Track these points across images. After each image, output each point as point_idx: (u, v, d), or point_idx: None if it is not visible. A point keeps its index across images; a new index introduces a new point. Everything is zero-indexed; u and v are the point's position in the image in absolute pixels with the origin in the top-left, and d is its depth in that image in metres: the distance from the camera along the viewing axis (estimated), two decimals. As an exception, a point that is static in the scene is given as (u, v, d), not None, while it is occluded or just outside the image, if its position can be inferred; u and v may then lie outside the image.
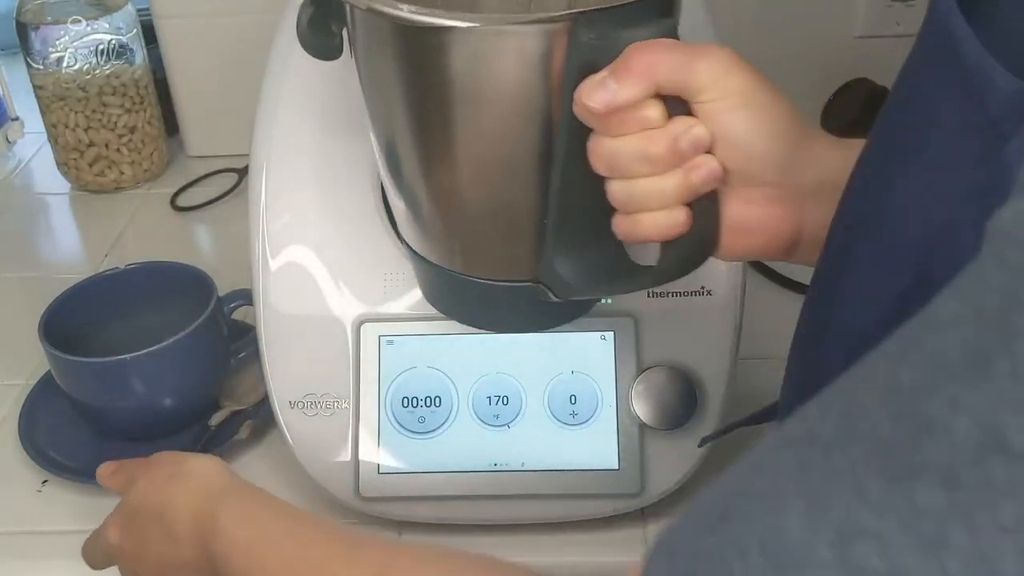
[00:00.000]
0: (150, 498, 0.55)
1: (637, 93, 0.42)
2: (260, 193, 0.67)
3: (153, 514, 0.54)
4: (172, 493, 0.54)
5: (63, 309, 0.74)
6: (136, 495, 0.56)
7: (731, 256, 0.49)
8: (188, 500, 0.54)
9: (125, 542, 0.56)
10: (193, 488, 0.54)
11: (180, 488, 0.55)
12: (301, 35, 0.55)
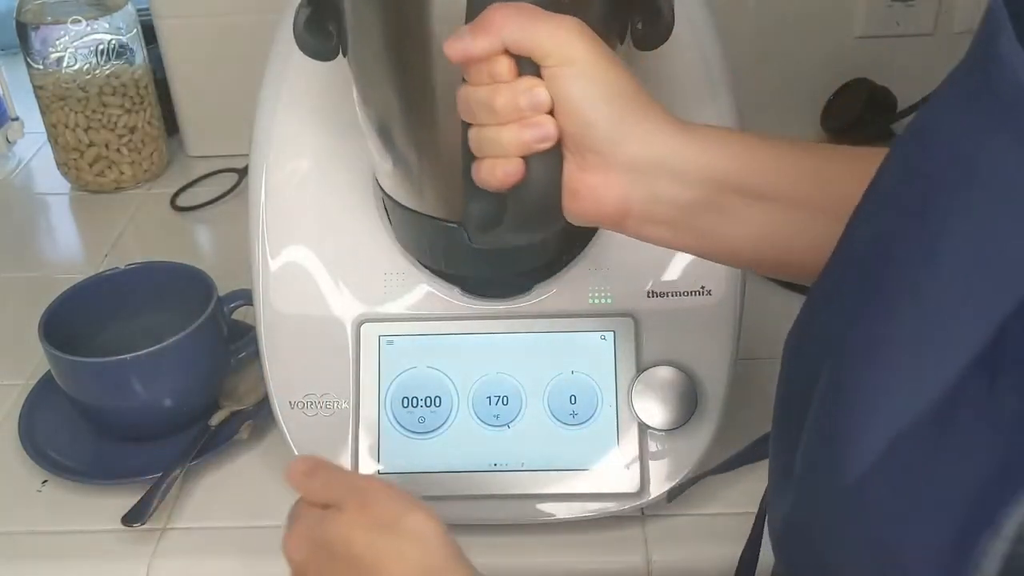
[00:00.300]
0: (356, 544, 0.47)
1: (486, 47, 0.46)
2: (260, 193, 0.67)
3: (354, 564, 0.47)
4: (384, 552, 0.47)
5: (63, 309, 0.74)
6: (339, 529, 0.48)
7: (574, 219, 0.51)
8: (401, 570, 0.47)
9: (309, 570, 0.50)
10: (409, 557, 0.47)
11: (394, 549, 0.47)
12: (298, 36, 0.55)
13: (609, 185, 0.48)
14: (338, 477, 0.51)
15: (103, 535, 0.67)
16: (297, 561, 0.49)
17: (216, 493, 0.70)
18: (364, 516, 0.48)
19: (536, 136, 0.47)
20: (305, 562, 0.49)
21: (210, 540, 0.67)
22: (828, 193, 0.48)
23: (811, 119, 1.08)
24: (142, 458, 0.71)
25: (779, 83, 1.05)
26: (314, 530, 0.49)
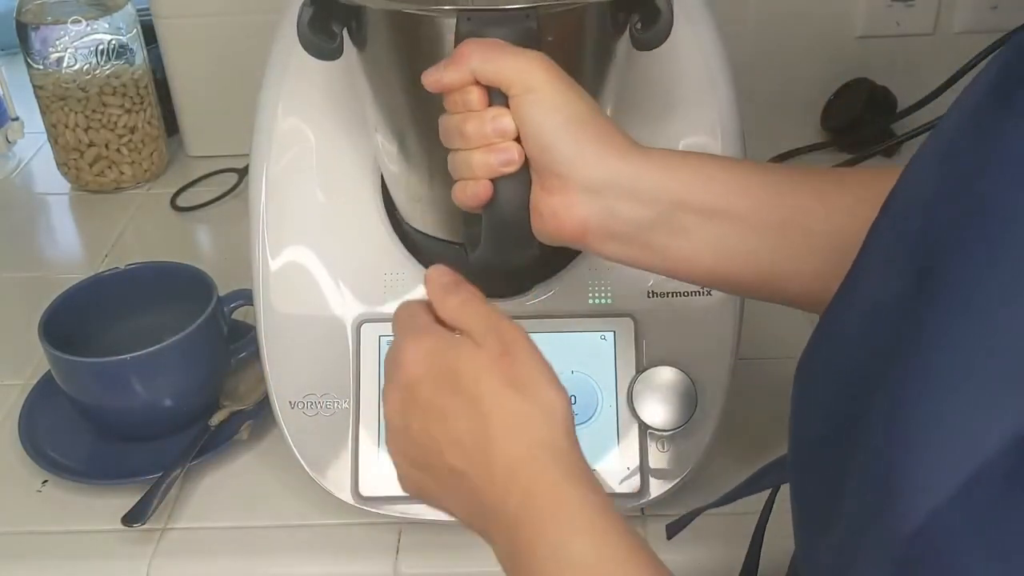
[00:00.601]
0: (484, 388, 0.45)
1: (456, 77, 0.50)
2: (260, 193, 0.67)
3: (473, 406, 0.45)
4: (509, 410, 0.45)
5: (63, 309, 0.74)
6: (473, 364, 0.46)
7: (541, 239, 0.53)
8: (520, 435, 0.44)
9: (422, 389, 0.46)
10: (533, 426, 0.45)
11: (521, 412, 0.45)
12: (301, 35, 0.55)
13: (569, 205, 0.51)
14: (481, 309, 0.48)
15: (103, 535, 0.67)
16: (412, 374, 0.47)
17: (216, 493, 0.70)
18: (502, 365, 0.46)
19: (501, 160, 0.51)
20: (420, 379, 0.46)
21: (210, 540, 0.67)
22: (781, 209, 0.51)
23: (811, 119, 1.08)
24: (142, 458, 0.71)
25: (779, 83, 1.05)
26: (445, 353, 0.46)
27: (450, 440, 0.45)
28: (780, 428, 0.74)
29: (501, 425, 0.44)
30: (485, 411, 0.45)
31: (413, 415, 0.46)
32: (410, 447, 0.47)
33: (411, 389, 0.46)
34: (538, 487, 0.43)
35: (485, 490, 0.44)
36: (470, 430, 0.45)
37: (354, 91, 0.62)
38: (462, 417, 0.45)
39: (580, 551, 0.42)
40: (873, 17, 1.03)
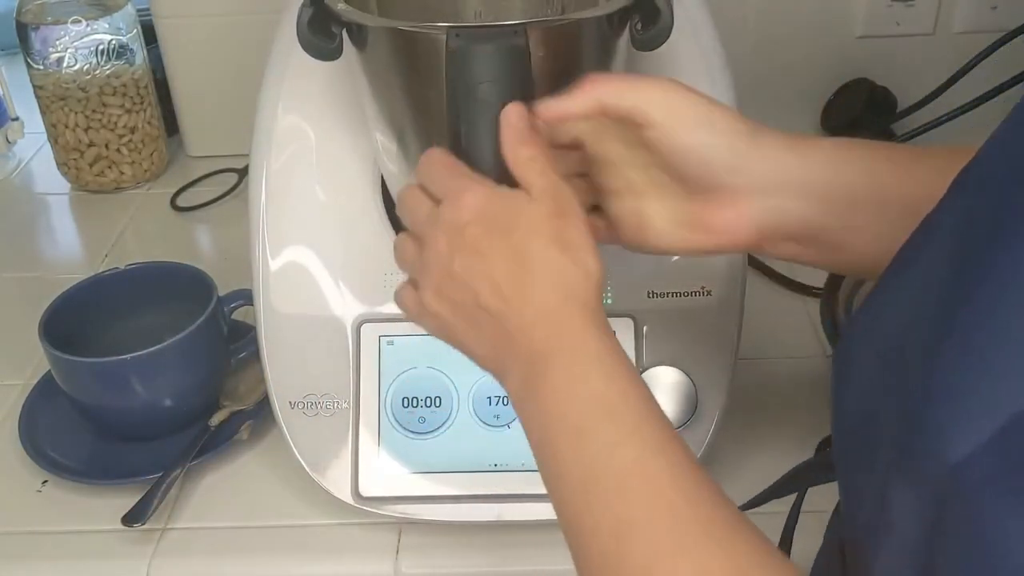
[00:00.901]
0: (534, 238, 0.47)
1: (583, 109, 0.50)
2: (260, 193, 0.67)
3: (518, 251, 0.47)
4: (552, 260, 0.47)
5: (63, 309, 0.74)
6: (527, 213, 0.48)
7: (715, 252, 0.54)
8: (556, 283, 0.47)
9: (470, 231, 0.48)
10: (569, 280, 0.47)
11: (563, 265, 0.47)
12: (301, 36, 0.55)
13: (740, 215, 0.51)
14: (546, 168, 0.49)
15: (103, 535, 0.67)
16: (467, 216, 0.48)
17: (216, 493, 0.70)
18: (555, 224, 0.48)
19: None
20: (474, 221, 0.48)
21: (210, 540, 0.67)
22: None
23: (811, 119, 1.08)
24: (142, 458, 0.71)
25: (779, 83, 1.05)
26: (503, 202, 0.48)
27: (491, 281, 0.47)
28: (780, 428, 0.74)
29: (542, 275, 0.47)
30: (530, 260, 0.47)
31: (458, 253, 0.48)
32: (447, 283, 0.49)
33: (462, 229, 0.48)
34: (565, 328, 0.46)
35: (513, 328, 0.47)
36: (512, 274, 0.47)
37: (354, 91, 0.62)
38: (507, 261, 0.47)
39: (593, 382, 0.44)
40: (873, 17, 1.03)
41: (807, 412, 0.74)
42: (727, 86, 0.66)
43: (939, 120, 0.93)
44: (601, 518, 0.42)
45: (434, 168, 0.51)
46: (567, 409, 0.44)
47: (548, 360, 0.45)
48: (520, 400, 0.47)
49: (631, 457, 0.42)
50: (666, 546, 0.40)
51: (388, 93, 0.58)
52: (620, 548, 0.41)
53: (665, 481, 0.42)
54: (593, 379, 0.45)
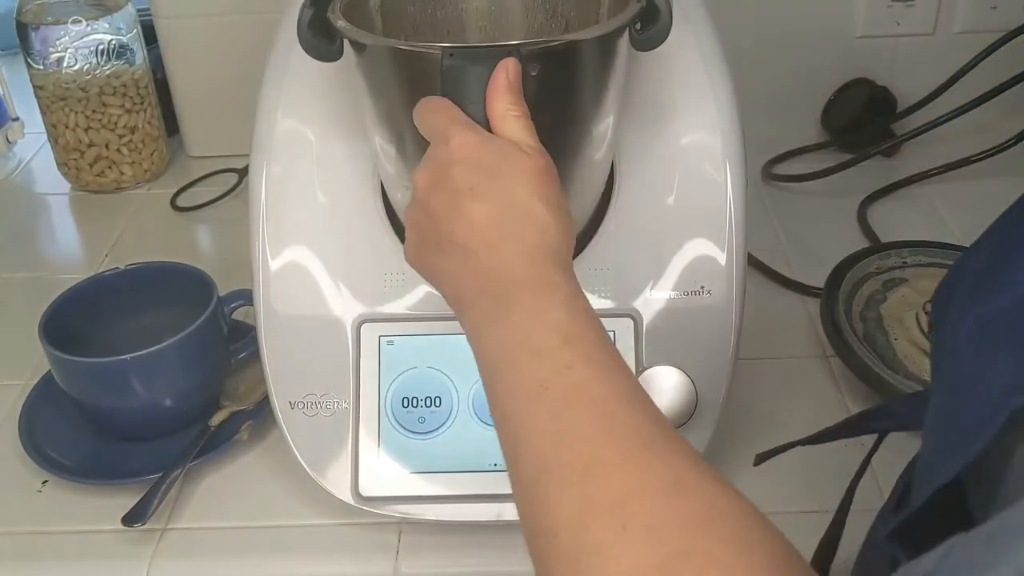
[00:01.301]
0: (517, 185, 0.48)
1: None
2: (260, 193, 0.67)
3: (502, 198, 0.48)
4: (536, 215, 0.48)
5: (63, 309, 0.74)
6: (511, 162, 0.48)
7: None
8: (542, 238, 0.47)
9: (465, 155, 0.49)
10: (552, 234, 0.48)
11: (542, 221, 0.48)
12: (301, 36, 0.55)
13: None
14: (531, 127, 0.50)
15: (103, 535, 0.67)
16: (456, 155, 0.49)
17: (216, 493, 0.70)
18: (543, 179, 0.49)
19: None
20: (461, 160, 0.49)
21: (210, 540, 0.67)
22: None
23: (811, 119, 1.08)
24: (142, 458, 0.71)
25: (779, 83, 1.06)
26: (495, 148, 0.49)
27: (468, 218, 0.47)
28: (780, 428, 0.74)
29: (523, 221, 0.47)
30: (512, 204, 0.48)
31: (439, 191, 0.49)
32: (425, 219, 0.49)
33: (448, 167, 0.48)
34: (538, 270, 0.47)
35: (483, 266, 0.47)
36: (490, 214, 0.47)
37: (353, 92, 0.62)
38: (489, 201, 0.48)
39: (557, 313, 0.45)
40: (873, 17, 1.03)
41: (807, 412, 0.74)
42: (727, 86, 0.66)
43: (939, 120, 0.93)
44: (544, 425, 0.42)
45: (426, 110, 0.52)
46: (529, 334, 0.45)
47: (516, 294, 0.46)
48: (478, 331, 0.48)
49: (582, 376, 0.43)
50: (607, 454, 0.40)
51: (386, 101, 0.58)
52: (558, 454, 0.41)
53: (611, 400, 0.42)
54: (557, 312, 0.45)
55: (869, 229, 0.94)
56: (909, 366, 0.74)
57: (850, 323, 0.78)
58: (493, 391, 0.46)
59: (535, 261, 0.47)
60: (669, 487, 0.39)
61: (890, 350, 0.76)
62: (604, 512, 0.38)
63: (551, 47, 0.53)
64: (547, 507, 0.41)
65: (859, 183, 1.00)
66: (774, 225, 0.96)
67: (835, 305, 0.79)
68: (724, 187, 0.65)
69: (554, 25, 0.65)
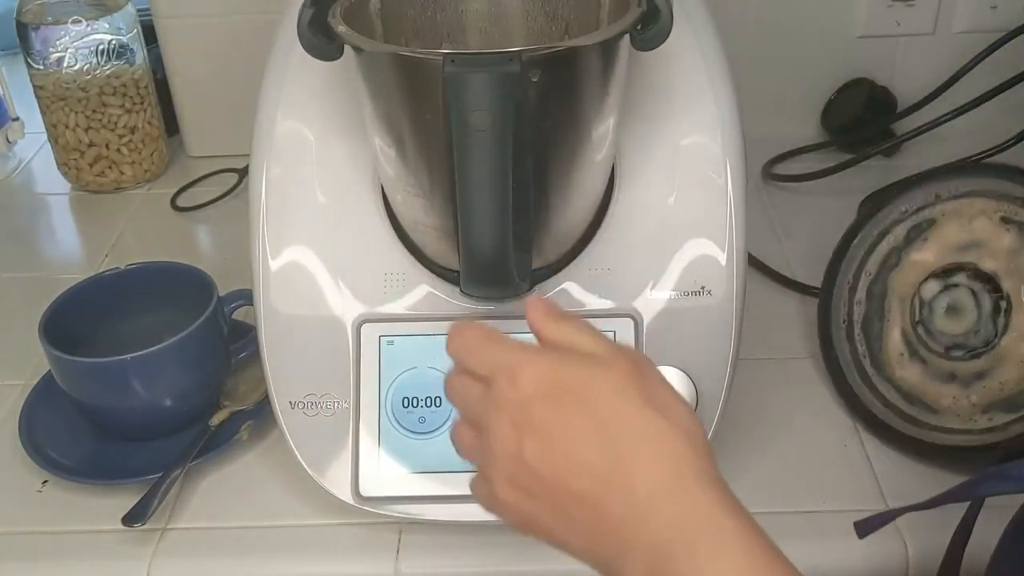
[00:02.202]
0: (620, 406, 0.41)
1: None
2: (260, 193, 0.67)
3: (602, 425, 0.41)
4: (649, 425, 0.41)
5: (63, 309, 0.74)
6: (603, 383, 0.42)
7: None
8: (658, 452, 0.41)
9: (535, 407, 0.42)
10: (671, 443, 0.41)
11: (660, 429, 0.41)
12: (302, 36, 0.55)
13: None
14: (598, 334, 0.45)
15: (103, 535, 0.67)
16: (530, 392, 0.43)
17: (216, 493, 0.70)
18: (638, 384, 0.42)
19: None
20: (539, 396, 0.42)
21: (210, 540, 0.67)
22: None
23: (811, 119, 1.08)
24: (142, 458, 0.71)
25: (779, 83, 1.06)
26: (573, 369, 0.43)
27: (577, 463, 0.41)
28: (780, 428, 0.74)
29: (642, 445, 0.41)
30: (621, 431, 0.41)
31: (529, 436, 0.42)
32: (522, 473, 0.43)
33: (528, 406, 0.42)
34: (689, 507, 0.40)
35: (618, 513, 0.41)
36: (603, 452, 0.41)
37: (353, 93, 0.62)
38: (593, 435, 0.41)
39: (735, 559, 0.39)
40: (873, 17, 1.03)
41: (807, 412, 0.74)
42: (727, 86, 0.66)
43: (939, 120, 0.93)
44: None
45: (472, 343, 0.46)
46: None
47: (676, 547, 0.39)
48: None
49: None
50: None
51: (387, 105, 0.58)
52: None
53: None
54: (734, 557, 0.39)
55: (869, 229, 0.94)
56: (888, 369, 0.70)
57: (849, 310, 0.73)
58: None
59: (684, 498, 0.40)
60: None
61: (878, 343, 0.71)
62: None
63: (553, 53, 0.53)
64: None
65: (859, 183, 1.00)
66: (774, 225, 0.96)
67: (830, 292, 0.75)
68: (724, 187, 0.65)
69: (554, 27, 0.65)
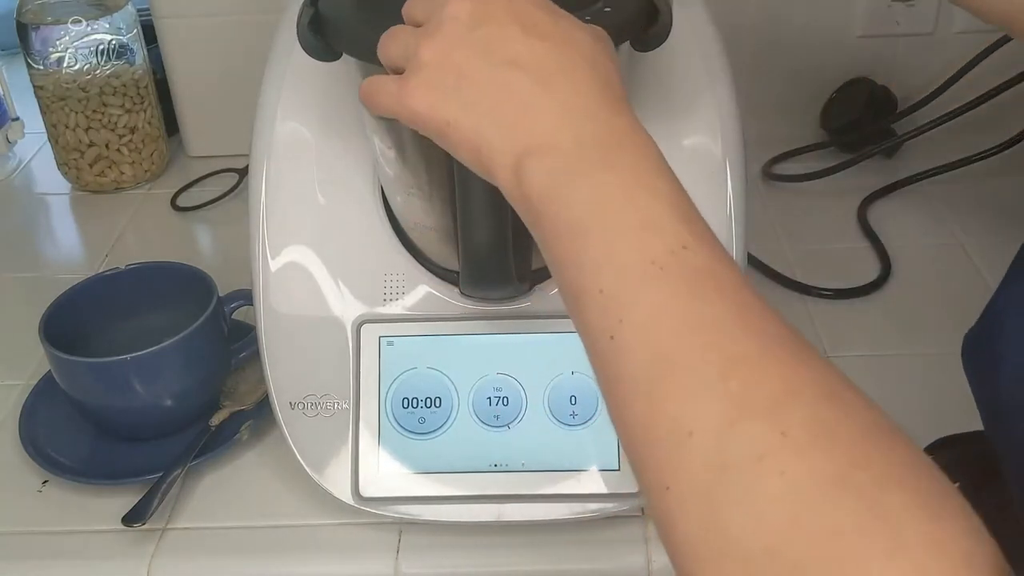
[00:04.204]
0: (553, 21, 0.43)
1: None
2: (260, 193, 0.67)
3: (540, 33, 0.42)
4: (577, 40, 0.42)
5: (63, 309, 0.74)
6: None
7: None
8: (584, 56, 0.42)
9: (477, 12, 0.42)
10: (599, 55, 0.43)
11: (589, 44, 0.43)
12: (301, 36, 0.55)
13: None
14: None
15: (103, 535, 0.67)
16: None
17: (216, 493, 0.70)
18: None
19: None
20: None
21: (210, 540, 0.67)
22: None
23: (811, 119, 1.08)
24: (142, 458, 0.71)
25: (779, 83, 1.06)
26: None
27: (527, 54, 0.42)
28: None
29: (596, 66, 0.42)
30: (582, 47, 0.42)
31: (487, 22, 0.42)
32: (462, 47, 0.42)
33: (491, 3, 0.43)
34: (625, 122, 0.41)
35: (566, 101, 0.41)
36: (562, 48, 0.42)
37: (354, 92, 0.62)
38: (556, 37, 0.42)
39: (662, 182, 0.40)
40: (873, 17, 1.03)
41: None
42: (727, 86, 0.66)
43: (939, 120, 0.93)
44: (665, 310, 0.36)
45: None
46: (633, 200, 0.39)
47: (613, 146, 0.40)
48: (554, 184, 0.40)
49: (702, 260, 0.37)
50: (750, 351, 0.35)
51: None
52: (689, 347, 0.35)
53: (742, 291, 0.37)
54: (663, 178, 0.39)
55: (869, 229, 0.94)
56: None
57: None
58: (578, 262, 0.39)
59: (622, 111, 0.41)
60: (826, 394, 0.34)
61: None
62: (759, 415, 0.33)
63: None
64: (679, 405, 0.34)
65: (859, 183, 1.00)
66: (774, 225, 0.96)
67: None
68: (724, 187, 0.65)
69: None
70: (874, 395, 0.35)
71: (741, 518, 0.32)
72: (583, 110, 0.41)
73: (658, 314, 0.36)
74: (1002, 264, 0.51)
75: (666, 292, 0.36)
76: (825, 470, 0.31)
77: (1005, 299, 0.48)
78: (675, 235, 0.38)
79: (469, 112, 0.42)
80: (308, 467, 0.66)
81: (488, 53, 0.42)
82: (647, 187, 0.39)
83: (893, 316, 0.85)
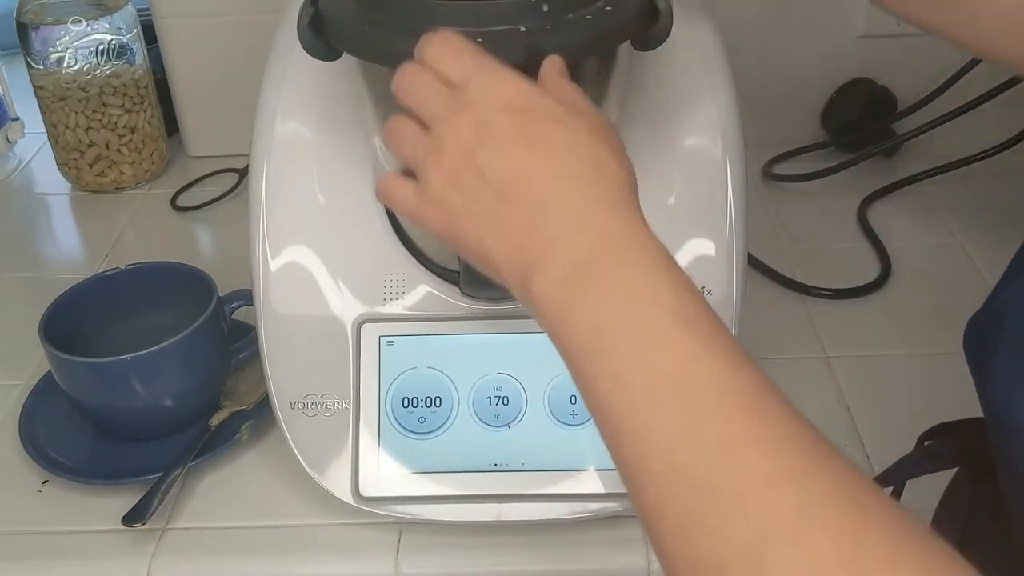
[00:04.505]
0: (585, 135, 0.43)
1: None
2: (260, 193, 0.67)
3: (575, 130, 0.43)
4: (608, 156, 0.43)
5: (63, 309, 0.74)
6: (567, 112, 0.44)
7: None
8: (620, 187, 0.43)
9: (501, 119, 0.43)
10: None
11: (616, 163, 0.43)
12: (302, 35, 0.55)
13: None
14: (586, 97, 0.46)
15: (103, 535, 0.67)
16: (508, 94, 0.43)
17: (216, 493, 0.70)
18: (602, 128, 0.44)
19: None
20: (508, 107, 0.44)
21: (210, 540, 0.67)
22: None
23: (811, 119, 1.08)
24: (142, 458, 0.71)
25: (779, 83, 1.05)
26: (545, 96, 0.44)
27: (525, 175, 0.42)
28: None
29: (594, 172, 0.42)
30: (578, 154, 0.43)
31: (487, 140, 0.43)
32: (466, 170, 0.43)
33: (493, 116, 0.43)
34: (630, 230, 0.42)
35: (554, 226, 0.42)
36: (555, 175, 0.42)
37: (353, 92, 0.62)
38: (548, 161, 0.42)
39: (662, 290, 0.40)
40: (873, 17, 1.03)
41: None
42: (727, 86, 0.66)
43: (939, 120, 0.93)
44: (681, 433, 0.37)
45: (456, 49, 0.45)
46: (634, 314, 0.39)
47: (606, 261, 0.41)
48: (556, 302, 0.41)
49: (714, 371, 0.38)
50: (766, 470, 0.35)
51: (387, 104, 0.58)
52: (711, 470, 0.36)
53: (756, 400, 0.37)
54: (662, 285, 0.40)
55: (869, 229, 0.94)
56: None
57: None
58: (592, 387, 0.41)
59: (619, 213, 0.42)
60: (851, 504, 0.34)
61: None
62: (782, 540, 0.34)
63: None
64: (709, 533, 0.35)
65: (859, 183, 1.00)
66: (774, 225, 0.96)
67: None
68: (724, 187, 0.65)
69: None
70: (874, 395, 0.35)
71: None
72: (582, 221, 0.42)
73: (671, 438, 0.37)
74: (1002, 264, 0.51)
75: (680, 415, 0.37)
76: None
77: (1005, 296, 0.48)
78: (681, 346, 0.38)
79: (477, 229, 0.44)
80: (308, 467, 0.66)
81: (492, 173, 0.43)
82: (647, 299, 0.39)
83: (893, 316, 0.85)
